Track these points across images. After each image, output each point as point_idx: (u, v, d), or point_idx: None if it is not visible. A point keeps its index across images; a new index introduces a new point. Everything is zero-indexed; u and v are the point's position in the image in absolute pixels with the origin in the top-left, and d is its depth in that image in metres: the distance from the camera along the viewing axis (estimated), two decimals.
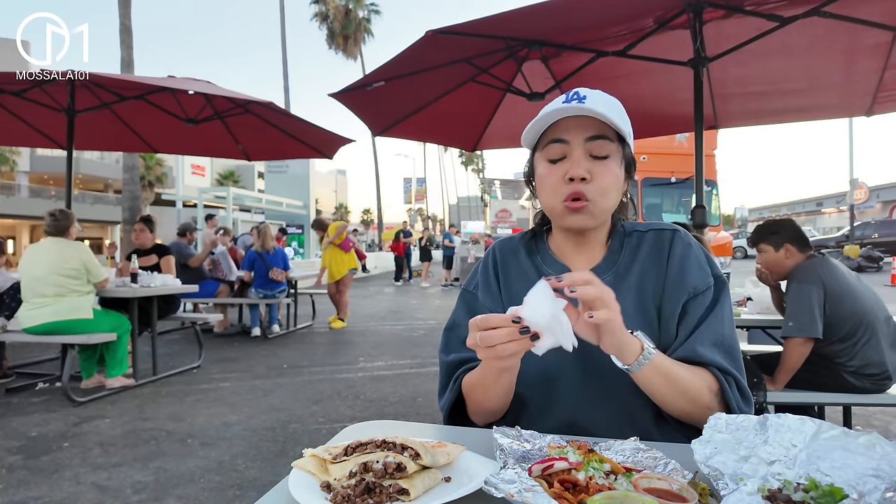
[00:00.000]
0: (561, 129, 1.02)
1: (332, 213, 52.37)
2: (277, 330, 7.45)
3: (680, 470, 0.74)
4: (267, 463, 3.07)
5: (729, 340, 1.01)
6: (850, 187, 20.49)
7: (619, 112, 1.03)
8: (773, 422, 0.75)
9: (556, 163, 1.03)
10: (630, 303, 1.04)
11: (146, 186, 30.20)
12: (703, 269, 1.06)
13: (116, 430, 3.57)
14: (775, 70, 3.98)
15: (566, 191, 1.01)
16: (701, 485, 0.67)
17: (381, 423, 1.03)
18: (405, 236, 17.27)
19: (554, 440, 0.84)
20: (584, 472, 0.66)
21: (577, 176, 0.99)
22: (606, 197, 1.02)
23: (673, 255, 1.07)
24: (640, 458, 0.79)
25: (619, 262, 1.09)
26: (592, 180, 1.00)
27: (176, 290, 5.05)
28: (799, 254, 2.72)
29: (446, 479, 0.71)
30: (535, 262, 1.14)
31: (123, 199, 13.39)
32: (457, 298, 1.23)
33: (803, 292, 2.53)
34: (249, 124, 5.41)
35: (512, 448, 0.80)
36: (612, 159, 1.01)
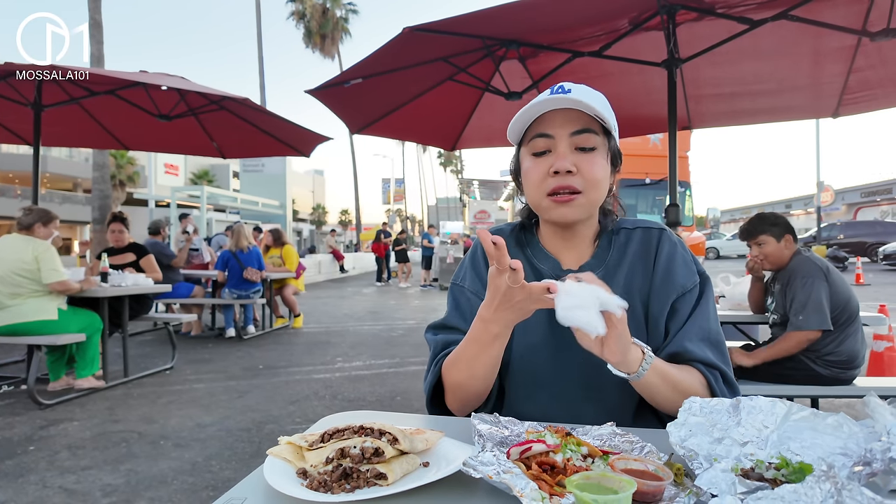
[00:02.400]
0: (546, 124, 1.01)
1: (310, 213, 51.86)
2: (253, 331, 7.34)
3: (656, 452, 0.75)
4: (242, 463, 3.02)
5: (715, 335, 1.03)
6: (817, 190, 21.11)
7: (604, 105, 1.03)
8: (746, 404, 0.76)
9: (542, 156, 1.02)
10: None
11: (117, 186, 29.45)
12: (689, 267, 1.07)
13: (85, 433, 3.47)
14: (746, 71, 4.08)
15: (551, 184, 1.00)
16: (676, 465, 0.68)
17: (360, 414, 1.02)
18: (385, 237, 17.19)
19: (532, 426, 0.85)
20: (561, 454, 0.67)
21: (562, 169, 0.98)
22: (595, 188, 1.01)
23: (660, 255, 1.08)
24: (617, 442, 0.79)
25: (608, 260, 1.08)
26: (579, 172, 0.99)
27: (148, 290, 4.94)
28: (793, 245, 2.79)
29: (424, 464, 0.70)
30: (526, 255, 1.13)
31: (93, 199, 13.05)
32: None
33: (812, 286, 2.59)
34: (224, 121, 5.33)
35: (490, 433, 0.80)
36: (598, 152, 1.01)
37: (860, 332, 2.71)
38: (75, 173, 37.63)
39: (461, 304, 1.13)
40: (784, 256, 2.81)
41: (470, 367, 0.98)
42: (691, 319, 1.02)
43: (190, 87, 4.31)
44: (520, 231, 1.17)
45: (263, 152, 6.10)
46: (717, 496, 0.58)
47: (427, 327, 1.17)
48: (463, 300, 1.13)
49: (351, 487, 0.64)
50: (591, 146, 1.00)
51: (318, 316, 9.26)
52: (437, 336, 1.12)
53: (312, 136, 5.43)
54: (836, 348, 2.62)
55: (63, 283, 4.13)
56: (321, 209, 54.29)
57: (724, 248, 26.36)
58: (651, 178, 9.23)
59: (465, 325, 1.07)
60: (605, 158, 1.02)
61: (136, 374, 4.92)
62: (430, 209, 65.19)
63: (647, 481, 0.60)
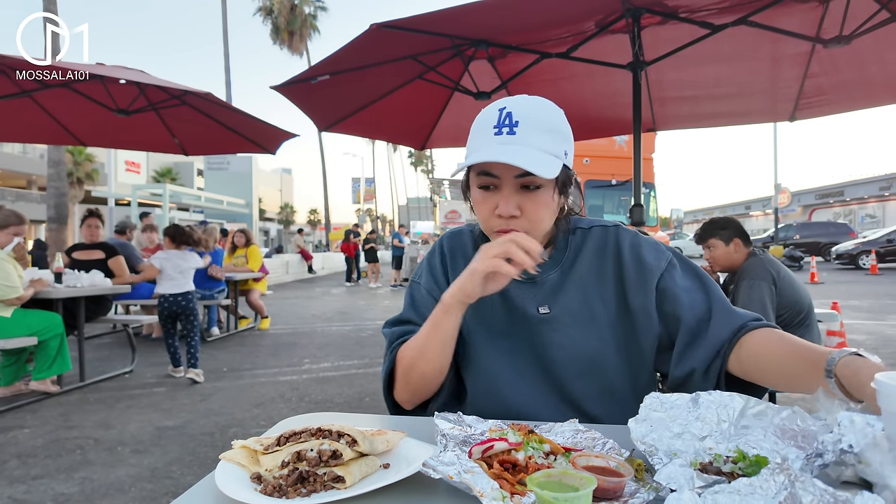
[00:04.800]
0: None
1: (277, 212, 51.00)
2: (217, 332, 7.17)
3: (617, 448, 0.75)
4: (205, 468, 2.93)
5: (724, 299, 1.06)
6: (775, 192, 21.86)
7: (552, 138, 0.97)
8: (705, 399, 0.77)
9: (488, 191, 1.00)
10: (573, 299, 1.06)
11: (75, 183, 28.31)
12: (656, 247, 1.09)
13: (37, 441, 3.32)
14: (708, 75, 4.19)
15: (496, 224, 1.00)
16: (637, 461, 0.68)
17: (321, 415, 1.00)
18: (355, 236, 17.04)
19: (495, 424, 0.84)
20: (523, 452, 0.66)
21: (505, 214, 0.97)
22: (539, 225, 1.01)
23: (623, 248, 1.08)
24: (579, 438, 0.79)
25: (563, 260, 1.09)
26: (523, 215, 0.98)
27: (106, 291, 4.76)
28: (744, 249, 2.87)
29: (384, 465, 0.69)
30: None
31: (48, 197, 12.52)
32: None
33: (756, 288, 2.67)
34: (186, 117, 5.17)
35: (453, 433, 0.79)
36: (543, 189, 0.98)
37: (815, 328, 2.81)
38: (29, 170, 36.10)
39: (416, 300, 1.15)
40: (734, 260, 2.89)
41: (422, 347, 1.01)
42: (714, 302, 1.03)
43: (149, 80, 4.17)
44: (479, 235, 1.16)
45: (228, 149, 5.95)
46: (675, 491, 0.58)
47: (384, 323, 1.18)
48: (419, 297, 1.15)
49: (307, 492, 0.62)
50: (537, 185, 0.97)
51: (286, 317, 9.11)
52: (393, 329, 1.14)
53: (278, 133, 5.32)
54: None
55: (20, 299, 3.97)
56: (289, 208, 53.45)
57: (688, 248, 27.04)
58: (617, 179, 9.41)
59: (419, 320, 1.09)
60: (551, 194, 1.00)
61: (93, 377, 4.74)
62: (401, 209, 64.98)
63: (608, 478, 0.60)
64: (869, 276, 15.48)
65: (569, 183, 1.05)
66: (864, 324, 7.36)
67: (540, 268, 1.07)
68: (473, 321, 1.09)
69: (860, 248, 18.13)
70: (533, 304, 1.07)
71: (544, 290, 1.07)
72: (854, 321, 7.49)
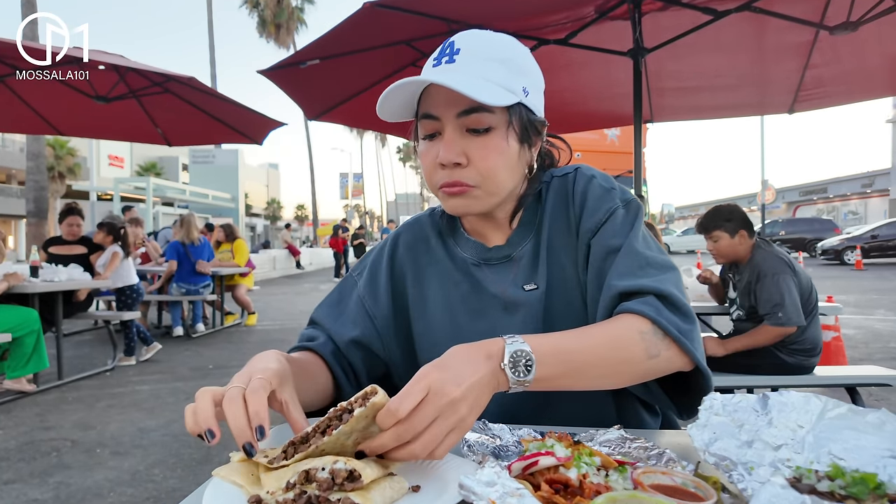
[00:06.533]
0: (430, 101, 0.83)
1: (264, 208, 50.42)
2: (202, 329, 6.98)
3: (676, 460, 0.64)
4: (189, 471, 2.79)
5: (652, 260, 0.83)
6: (762, 188, 22.03)
7: (505, 68, 0.82)
8: (776, 400, 0.66)
9: (432, 140, 0.84)
10: (553, 269, 0.89)
11: (56, 178, 27.71)
12: (606, 194, 0.88)
13: (10, 443, 3.15)
14: (707, 66, 4.11)
15: (441, 177, 0.83)
16: (712, 478, 0.56)
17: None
18: (343, 232, 16.86)
19: (527, 433, 0.72)
20: (575, 469, 0.54)
21: (446, 160, 0.81)
22: (493, 179, 0.83)
23: (576, 196, 0.90)
24: (629, 448, 0.68)
25: (535, 225, 0.92)
26: (470, 163, 0.82)
27: (85, 286, 4.58)
28: (748, 240, 2.78)
29: (414, 488, 0.56)
30: (448, 246, 0.97)
31: (28, 191, 12.19)
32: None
33: (784, 282, 2.58)
34: (169, 105, 4.98)
35: (480, 443, 0.68)
36: (495, 132, 0.82)
37: (818, 319, 2.75)
38: (8, 164, 35.31)
39: (344, 300, 0.99)
40: (738, 252, 2.81)
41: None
42: (620, 253, 0.82)
43: (129, 64, 3.98)
44: (441, 217, 1.00)
45: (212, 139, 5.78)
46: None
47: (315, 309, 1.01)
48: (348, 299, 0.98)
49: None
50: (485, 126, 0.81)
51: (273, 313, 8.93)
52: (305, 330, 0.97)
53: (264, 122, 5.15)
54: (801, 336, 2.64)
55: None
56: (276, 204, 52.88)
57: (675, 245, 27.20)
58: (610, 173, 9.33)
59: (332, 325, 0.94)
60: (505, 138, 0.82)
61: (72, 375, 4.56)
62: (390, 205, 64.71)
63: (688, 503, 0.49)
64: (854, 271, 15.63)
65: (532, 130, 0.86)
66: (853, 318, 7.38)
67: (510, 240, 0.92)
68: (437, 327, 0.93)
69: (845, 244, 18.32)
70: (516, 285, 0.89)
71: (523, 266, 0.90)
72: (842, 316, 7.51)
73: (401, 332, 0.96)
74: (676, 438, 0.76)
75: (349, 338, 0.93)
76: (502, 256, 0.92)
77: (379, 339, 0.95)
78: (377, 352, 0.94)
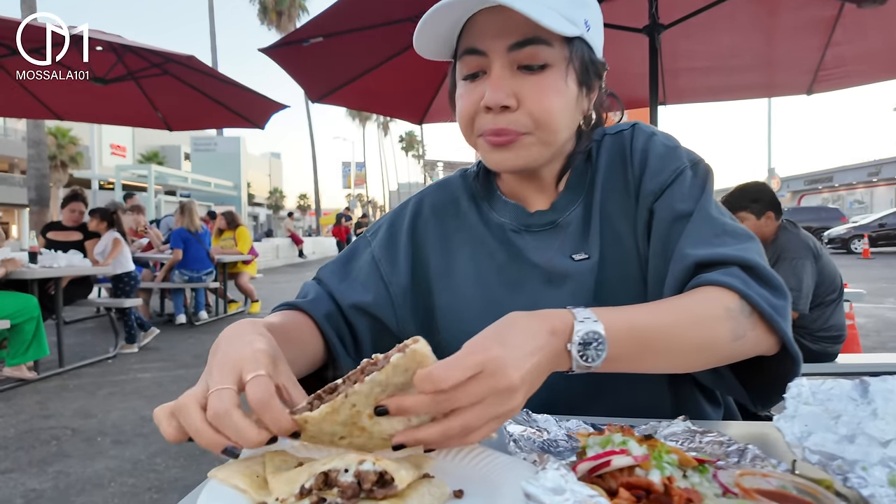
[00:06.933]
0: (476, 32, 0.71)
1: (266, 197, 50.29)
2: (205, 316, 6.91)
3: (765, 458, 0.54)
4: (191, 460, 2.72)
5: (729, 228, 0.72)
6: (768, 176, 21.84)
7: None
8: (879, 387, 0.55)
9: (474, 80, 0.72)
10: (607, 237, 0.78)
11: (59, 167, 27.62)
12: (670, 154, 0.78)
13: (9, 431, 3.08)
14: (723, 45, 3.96)
15: (485, 123, 0.72)
16: (825, 481, 0.46)
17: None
18: (346, 220, 16.77)
19: (578, 425, 0.62)
20: (657, 471, 0.44)
21: (494, 104, 0.69)
22: (548, 125, 0.71)
23: (634, 154, 0.79)
24: (700, 443, 0.58)
25: (585, 188, 0.81)
26: (521, 106, 0.70)
27: (84, 272, 4.49)
28: (775, 222, 2.68)
29: (457, 493, 0.46)
30: (482, 210, 0.86)
31: (29, 179, 12.12)
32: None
33: (799, 267, 2.50)
34: (169, 88, 4.86)
35: (525, 437, 0.58)
36: (552, 70, 0.70)
37: (843, 306, 2.66)
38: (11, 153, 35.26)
39: (354, 261, 0.88)
40: (764, 233, 2.72)
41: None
42: (692, 220, 0.72)
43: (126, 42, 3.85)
44: (475, 179, 0.88)
45: (214, 123, 5.65)
46: None
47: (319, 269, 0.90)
48: (361, 259, 0.87)
49: None
50: (541, 63, 0.70)
51: (276, 301, 8.65)
52: (306, 285, 0.86)
53: (266, 104, 5.02)
54: (826, 323, 2.56)
55: None
56: (278, 193, 52.72)
57: None
58: None
59: (337, 284, 0.83)
60: (563, 77, 0.71)
61: (73, 363, 4.49)
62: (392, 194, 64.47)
63: None
64: (861, 259, 15.48)
65: (592, 72, 0.75)
66: (863, 307, 7.27)
67: (554, 206, 0.81)
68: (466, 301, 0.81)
69: (852, 232, 18.17)
70: (563, 254, 0.78)
71: (571, 234, 0.79)
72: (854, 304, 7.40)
73: (419, 306, 0.85)
74: (749, 431, 0.66)
75: (355, 301, 0.81)
76: (546, 223, 0.81)
77: (392, 308, 0.83)
78: (388, 323, 0.83)
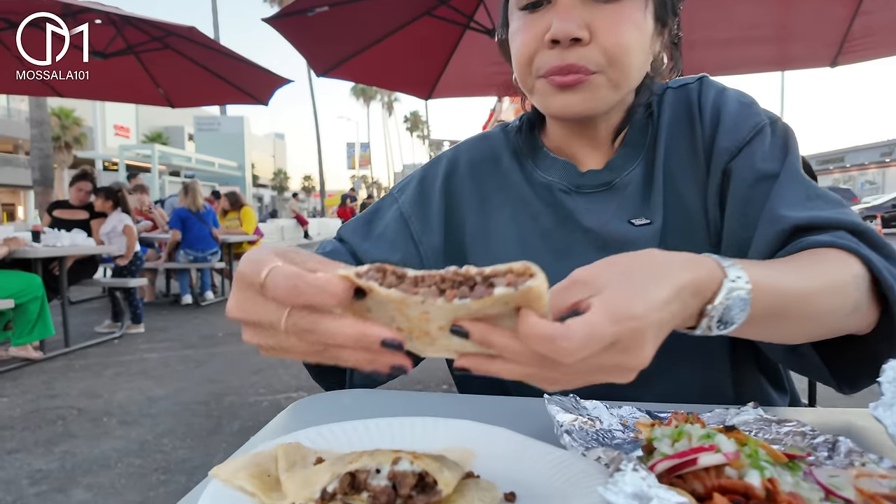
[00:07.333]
0: None
1: (271, 179, 50.14)
2: (212, 297, 6.88)
3: (860, 451, 0.45)
4: (199, 441, 2.68)
5: (821, 192, 0.64)
6: None
7: None
8: None
9: (536, 10, 0.64)
10: (671, 201, 0.69)
11: (63, 148, 27.51)
12: (746, 109, 0.69)
13: (15, 411, 3.05)
14: (744, 15, 3.80)
15: (547, 60, 0.63)
16: None
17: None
18: (352, 201, 16.69)
19: (632, 414, 0.54)
20: (756, 471, 0.36)
21: (564, 35, 0.60)
22: (622, 63, 0.63)
23: (704, 110, 0.70)
24: (778, 433, 0.50)
25: (645, 146, 0.72)
26: (594, 39, 0.62)
27: (88, 251, 4.44)
28: None
29: (508, 496, 0.38)
30: (525, 169, 0.77)
31: (33, 159, 12.07)
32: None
33: None
34: (170, 63, 4.74)
35: (577, 428, 0.49)
36: (629, 0, 0.63)
37: None
38: (15, 133, 35.21)
39: (379, 219, 0.79)
40: None
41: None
42: (779, 181, 0.63)
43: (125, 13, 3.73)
44: (518, 133, 0.79)
45: (216, 99, 5.54)
46: None
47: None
48: (387, 217, 0.79)
49: None
50: None
51: None
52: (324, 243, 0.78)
53: (269, 79, 4.90)
54: None
55: None
56: (283, 174, 52.53)
57: None
58: None
59: (360, 242, 0.75)
60: (643, 9, 0.64)
61: (79, 343, 4.46)
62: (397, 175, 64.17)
63: None
64: None
65: (671, 6, 0.67)
66: None
67: (610, 165, 0.72)
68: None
69: (865, 213, 17.95)
70: (620, 218, 0.70)
71: (629, 196, 0.71)
72: None
73: None
74: (830, 420, 0.58)
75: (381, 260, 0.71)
76: (601, 183, 0.72)
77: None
78: None
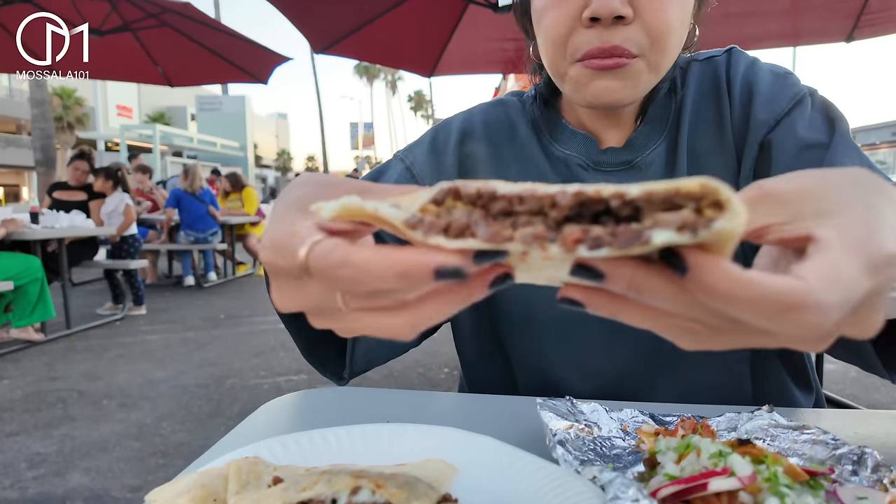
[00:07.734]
0: None
1: (274, 159, 49.94)
2: (214, 278, 6.88)
3: (888, 466, 0.40)
4: (198, 424, 2.67)
5: (872, 165, 0.59)
6: None
7: None
8: None
9: None
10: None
11: (65, 128, 27.40)
12: (783, 80, 0.65)
13: (15, 393, 3.05)
14: None
15: (585, 41, 0.57)
16: None
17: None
18: None
19: (634, 418, 0.49)
20: (773, 498, 0.31)
21: (607, 13, 0.54)
22: (664, 44, 0.57)
23: (733, 83, 0.66)
24: (796, 442, 0.44)
25: (668, 123, 0.67)
26: (637, 17, 0.55)
27: (86, 233, 4.41)
28: None
29: None
30: (543, 142, 0.70)
31: (35, 140, 12.02)
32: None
33: None
34: (168, 41, 4.64)
35: (572, 437, 0.44)
36: None
37: None
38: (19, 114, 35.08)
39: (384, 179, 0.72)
40: None
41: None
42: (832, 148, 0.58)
43: None
44: (534, 104, 0.72)
45: (216, 78, 5.44)
46: None
47: None
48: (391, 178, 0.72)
49: None
50: None
51: None
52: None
53: (268, 56, 4.80)
54: None
55: None
56: (286, 155, 52.28)
57: None
58: None
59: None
60: None
61: (80, 325, 4.46)
62: None
63: None
64: None
65: None
66: None
67: (630, 143, 0.66)
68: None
69: None
70: None
71: (651, 177, 0.66)
72: None
73: None
74: (855, 423, 0.52)
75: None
76: (621, 162, 0.67)
77: None
78: None
